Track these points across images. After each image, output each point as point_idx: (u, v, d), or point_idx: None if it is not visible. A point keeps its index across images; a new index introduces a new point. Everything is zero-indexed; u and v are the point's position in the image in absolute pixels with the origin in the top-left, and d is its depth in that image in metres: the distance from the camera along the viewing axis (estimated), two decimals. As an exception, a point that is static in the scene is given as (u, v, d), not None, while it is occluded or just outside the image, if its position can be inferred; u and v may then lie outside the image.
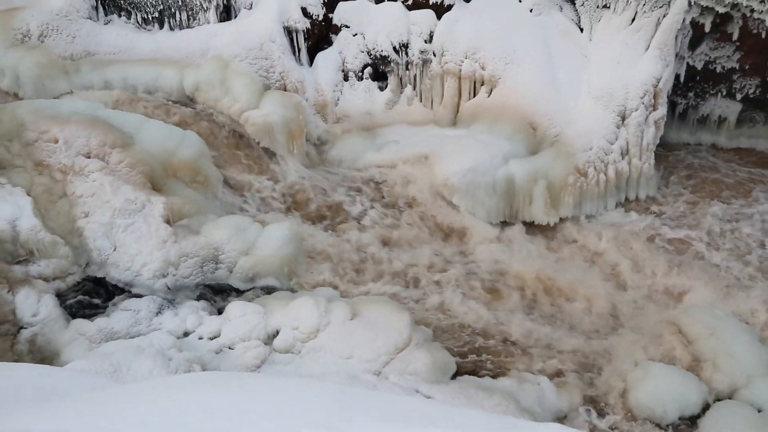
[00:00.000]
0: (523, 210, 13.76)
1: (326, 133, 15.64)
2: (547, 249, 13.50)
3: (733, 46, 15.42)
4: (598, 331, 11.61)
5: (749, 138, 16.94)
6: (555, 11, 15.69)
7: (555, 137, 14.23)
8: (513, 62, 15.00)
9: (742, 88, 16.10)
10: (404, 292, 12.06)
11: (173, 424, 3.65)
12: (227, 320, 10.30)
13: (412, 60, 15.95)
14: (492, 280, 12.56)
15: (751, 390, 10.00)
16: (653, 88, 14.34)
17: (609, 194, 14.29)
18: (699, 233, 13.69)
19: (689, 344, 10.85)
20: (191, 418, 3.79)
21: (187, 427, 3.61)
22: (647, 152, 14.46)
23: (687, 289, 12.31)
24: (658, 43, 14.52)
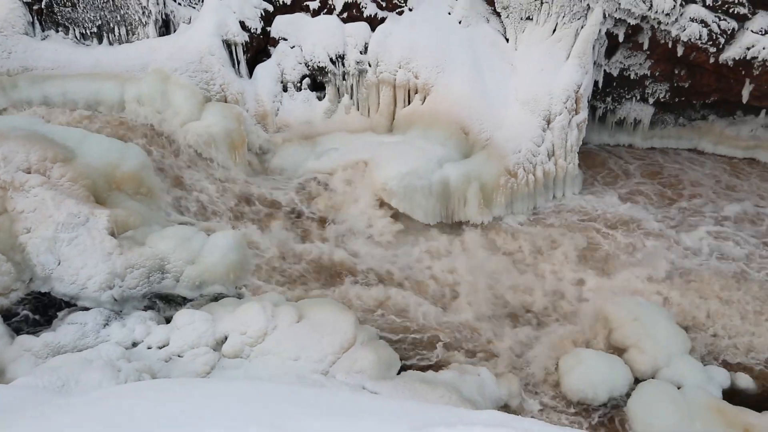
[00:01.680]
0: (458, 211, 14.51)
1: (267, 142, 16.04)
2: (482, 246, 14.24)
3: (645, 55, 16.65)
4: (531, 322, 12.40)
5: (662, 138, 18.42)
6: (482, 23, 16.56)
7: (486, 141, 15.05)
8: (444, 71, 15.77)
9: (654, 93, 17.41)
10: (349, 292, 12.57)
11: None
12: (175, 329, 10.58)
13: (349, 70, 16.52)
14: (432, 277, 13.20)
15: (672, 369, 11.00)
16: (575, 93, 15.34)
17: (538, 193, 15.23)
18: (618, 229, 14.71)
19: (615, 330, 11.78)
20: (139, 425, 3.84)
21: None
22: (571, 153, 15.45)
23: (605, 281, 13.23)
24: (577, 52, 15.54)
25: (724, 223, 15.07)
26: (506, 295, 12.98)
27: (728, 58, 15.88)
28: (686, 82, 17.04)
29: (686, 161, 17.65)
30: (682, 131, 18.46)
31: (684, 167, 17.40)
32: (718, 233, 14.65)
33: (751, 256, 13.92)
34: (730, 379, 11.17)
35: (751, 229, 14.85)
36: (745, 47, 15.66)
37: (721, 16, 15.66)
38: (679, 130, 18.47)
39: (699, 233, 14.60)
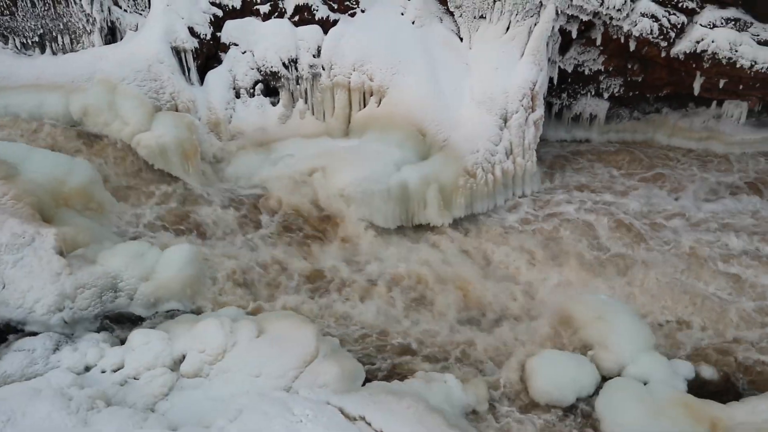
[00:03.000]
0: (418, 213, 14.35)
1: (221, 150, 15.65)
2: (443, 248, 14.10)
3: (598, 51, 16.75)
4: (495, 324, 12.29)
5: (617, 132, 18.61)
6: (436, 23, 16.43)
7: (443, 142, 14.92)
8: (399, 72, 15.59)
9: (608, 88, 17.55)
10: (309, 303, 12.30)
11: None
12: (130, 350, 10.18)
13: (302, 74, 16.22)
14: (392, 283, 13.00)
15: (637, 365, 10.97)
16: (530, 91, 15.31)
17: (497, 193, 15.16)
18: (579, 226, 14.74)
19: (579, 329, 11.75)
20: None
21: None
22: (529, 151, 15.43)
23: (570, 278, 13.23)
24: (531, 50, 15.52)
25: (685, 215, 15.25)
26: (470, 297, 12.86)
27: (679, 51, 16.06)
28: (639, 76, 17.21)
29: (642, 154, 17.81)
30: (637, 125, 18.65)
31: (640, 160, 17.57)
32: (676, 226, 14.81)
33: (706, 245, 14.08)
34: (694, 372, 11.22)
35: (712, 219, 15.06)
36: (694, 41, 15.86)
37: (670, 10, 15.83)
38: (634, 124, 18.65)
39: (659, 225, 14.74)
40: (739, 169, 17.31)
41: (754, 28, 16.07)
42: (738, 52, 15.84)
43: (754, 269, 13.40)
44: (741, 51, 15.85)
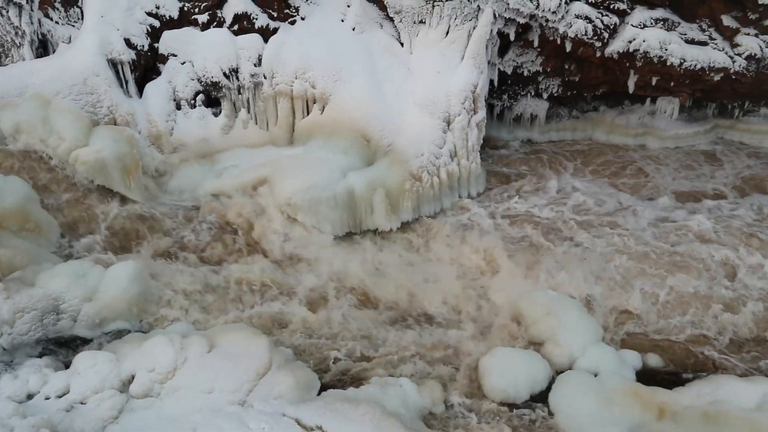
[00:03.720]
0: (366, 219, 14.35)
1: (164, 164, 15.33)
2: (393, 253, 14.15)
3: (536, 52, 17.13)
4: (448, 325, 12.38)
5: (558, 132, 19.08)
6: (376, 29, 16.50)
7: (388, 147, 14.98)
8: (341, 79, 15.58)
9: (547, 88, 17.98)
10: (261, 314, 12.14)
11: None
12: (76, 373, 9.84)
13: (244, 84, 16.04)
14: (342, 290, 12.95)
15: (587, 358, 11.25)
16: (472, 93, 15.52)
17: (444, 195, 15.29)
18: (524, 221, 15.01)
19: (530, 326, 11.96)
20: None
21: None
22: (473, 152, 15.63)
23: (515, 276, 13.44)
24: (471, 53, 15.74)
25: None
26: (421, 300, 12.93)
27: (613, 51, 16.55)
28: (576, 76, 17.67)
29: (583, 152, 18.29)
30: (577, 123, 19.17)
31: (582, 157, 18.03)
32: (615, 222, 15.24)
33: (644, 237, 14.54)
34: (641, 360, 11.56)
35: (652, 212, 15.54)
36: (627, 41, 16.37)
37: (603, 12, 16.31)
38: (573, 123, 19.16)
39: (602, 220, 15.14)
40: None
41: (681, 28, 16.71)
42: (668, 50, 16.44)
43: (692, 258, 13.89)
44: (670, 49, 16.45)
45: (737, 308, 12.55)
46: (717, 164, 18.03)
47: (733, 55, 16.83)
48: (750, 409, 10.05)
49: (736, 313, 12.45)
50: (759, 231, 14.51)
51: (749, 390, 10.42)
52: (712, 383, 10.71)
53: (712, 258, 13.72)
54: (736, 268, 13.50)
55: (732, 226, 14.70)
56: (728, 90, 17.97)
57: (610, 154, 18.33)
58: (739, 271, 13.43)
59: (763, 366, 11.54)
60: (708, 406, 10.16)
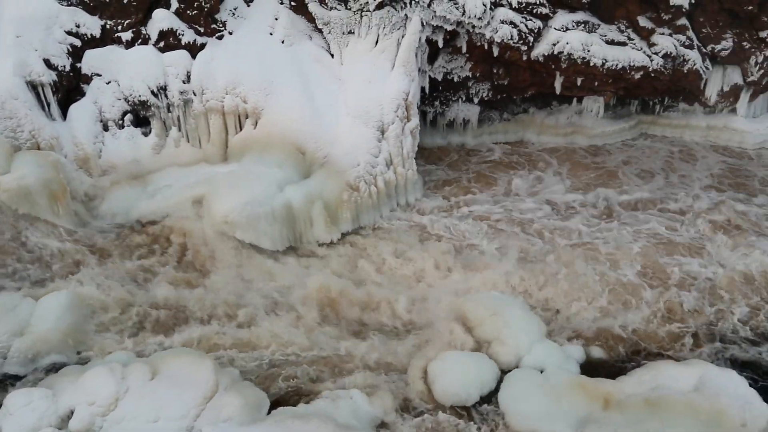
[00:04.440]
0: (306, 232, 14.24)
1: (93, 187, 14.82)
2: (334, 264, 14.04)
3: (464, 58, 17.46)
4: (394, 333, 12.37)
5: (490, 135, 19.51)
6: (305, 40, 16.46)
7: (324, 158, 14.94)
8: (273, 93, 15.46)
9: (478, 93, 18.34)
10: (204, 336, 11.84)
11: None
12: (8, 414, 9.30)
13: (173, 101, 15.69)
14: (285, 304, 12.77)
15: (533, 355, 11.42)
16: (404, 101, 15.66)
17: (382, 203, 15.36)
18: (462, 225, 15.20)
19: (475, 327, 12.06)
20: None
21: None
22: (409, 160, 15.76)
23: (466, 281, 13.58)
24: (401, 61, 15.90)
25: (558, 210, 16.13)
26: (368, 309, 12.87)
27: (538, 54, 17.03)
28: (505, 79, 18.09)
29: (514, 154, 18.70)
30: (508, 125, 19.63)
31: (515, 159, 18.43)
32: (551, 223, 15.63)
33: (581, 234, 14.97)
34: (585, 353, 11.84)
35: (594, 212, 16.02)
36: (551, 43, 16.88)
37: (527, 16, 16.77)
38: (505, 125, 19.62)
39: (535, 220, 15.49)
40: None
41: (601, 29, 17.37)
42: (590, 51, 17.04)
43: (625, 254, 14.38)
44: (593, 51, 17.06)
45: (667, 296, 13.10)
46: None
47: (650, 54, 17.59)
48: (688, 392, 10.44)
49: (668, 301, 12.97)
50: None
51: (686, 373, 10.83)
52: (652, 370, 11.08)
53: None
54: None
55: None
56: (648, 87, 18.78)
57: (539, 154, 18.82)
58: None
59: (703, 351, 12.04)
60: (649, 392, 10.50)
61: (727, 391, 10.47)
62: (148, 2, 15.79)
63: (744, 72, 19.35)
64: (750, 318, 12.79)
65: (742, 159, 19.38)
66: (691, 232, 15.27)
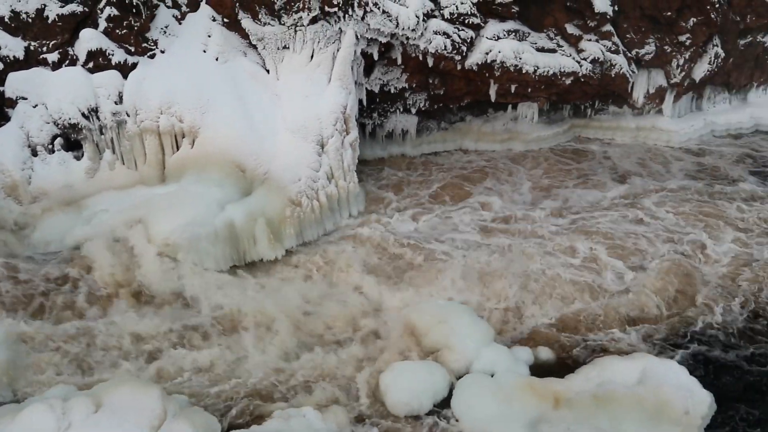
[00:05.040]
0: (249, 251, 14.01)
1: (23, 216, 14.23)
2: (279, 281, 13.88)
3: (400, 69, 17.65)
4: (343, 347, 12.27)
5: (429, 144, 19.77)
6: (240, 57, 16.31)
7: (264, 175, 14.79)
8: (209, 111, 15.24)
9: (415, 103, 18.56)
10: (149, 364, 11.50)
11: None
12: (-60, 461, 8.83)
13: (106, 123, 15.26)
14: (233, 326, 12.53)
15: (482, 360, 11.51)
16: (342, 114, 15.68)
17: (325, 218, 15.28)
18: (406, 239, 15.30)
19: (424, 336, 12.11)
20: None
21: None
22: (350, 173, 15.77)
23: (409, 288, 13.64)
24: (338, 75, 15.93)
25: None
26: (314, 324, 12.74)
27: (472, 63, 17.36)
28: (441, 89, 18.36)
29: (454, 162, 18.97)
30: (446, 134, 19.93)
31: (453, 168, 18.69)
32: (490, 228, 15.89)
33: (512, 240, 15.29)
34: (533, 355, 12.03)
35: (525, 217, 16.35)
36: (484, 52, 17.24)
37: (459, 27, 17.08)
38: (443, 134, 19.90)
39: (470, 225, 15.73)
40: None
41: (531, 38, 17.85)
42: (522, 59, 17.48)
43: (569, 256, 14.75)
44: (524, 58, 17.50)
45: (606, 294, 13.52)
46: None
47: (579, 60, 18.18)
48: (632, 385, 10.76)
49: (608, 299, 13.38)
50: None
51: (630, 367, 11.14)
52: (598, 366, 11.35)
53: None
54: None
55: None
56: (579, 92, 19.39)
57: (477, 160, 19.17)
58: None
59: (644, 344, 12.42)
60: (596, 388, 10.77)
61: (669, 381, 10.85)
62: (74, 22, 15.36)
63: (667, 74, 20.21)
64: (685, 308, 13.32)
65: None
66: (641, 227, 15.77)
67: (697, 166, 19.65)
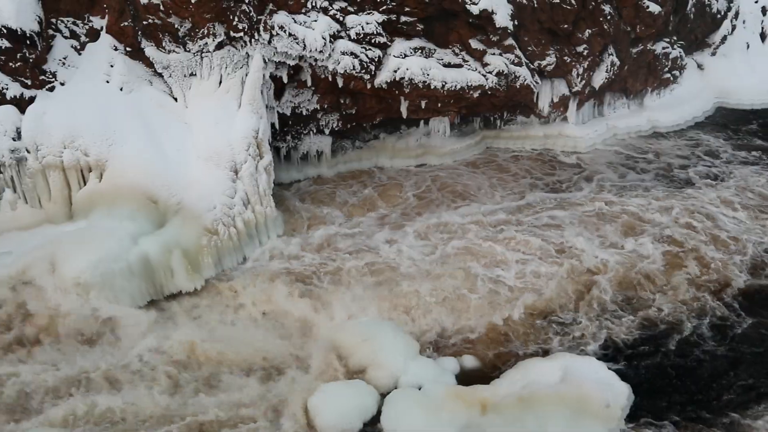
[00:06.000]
0: (167, 284, 13.59)
1: None
2: (198, 314, 13.50)
3: (311, 91, 17.69)
4: (270, 377, 12.01)
5: (345, 164, 19.82)
6: (145, 86, 15.96)
7: (178, 205, 14.43)
8: (116, 143, 14.79)
9: (328, 124, 18.61)
10: (59, 412, 10.89)
11: None
12: None
13: (4, 161, 14.54)
14: (155, 365, 12.06)
15: (409, 374, 11.63)
16: (254, 139, 15.54)
17: (244, 244, 15.04)
18: (327, 256, 15.26)
19: (350, 356, 12.07)
20: None
21: None
22: (266, 197, 15.60)
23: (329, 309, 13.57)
24: (248, 99, 15.81)
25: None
26: (235, 354, 12.39)
27: (382, 81, 17.59)
28: (353, 108, 18.50)
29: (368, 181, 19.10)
30: (362, 153, 20.04)
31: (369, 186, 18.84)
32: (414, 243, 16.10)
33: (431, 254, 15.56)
34: (458, 364, 12.21)
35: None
36: (392, 70, 17.51)
37: (366, 46, 17.29)
38: (358, 153, 20.00)
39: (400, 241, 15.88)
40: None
41: (437, 54, 18.28)
42: (430, 75, 17.86)
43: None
44: (432, 74, 17.89)
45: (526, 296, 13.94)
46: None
47: (485, 74, 18.73)
48: (555, 384, 11.10)
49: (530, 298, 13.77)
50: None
51: (552, 367, 11.52)
52: (521, 369, 11.67)
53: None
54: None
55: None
56: (487, 104, 19.97)
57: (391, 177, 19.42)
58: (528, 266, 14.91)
59: (563, 343, 12.82)
60: (521, 391, 11.05)
61: (589, 377, 11.28)
62: (-37, 58, 14.65)
63: (569, 83, 21.11)
64: (600, 304, 13.88)
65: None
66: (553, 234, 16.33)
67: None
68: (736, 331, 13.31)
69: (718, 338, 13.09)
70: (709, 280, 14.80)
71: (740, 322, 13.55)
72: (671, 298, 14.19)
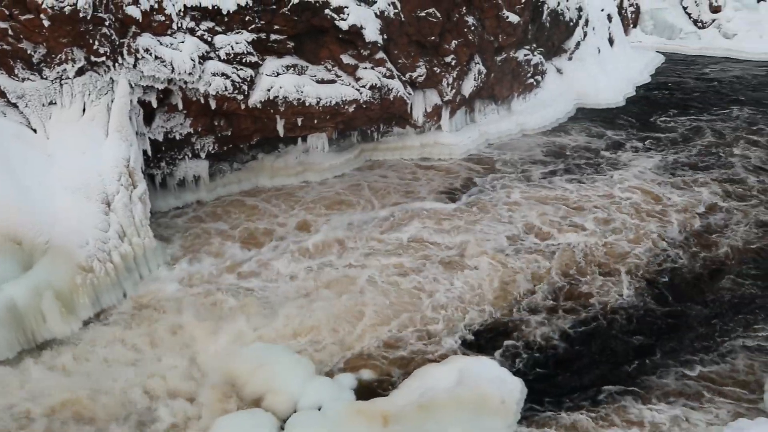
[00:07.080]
0: (39, 330, 12.57)
1: None
2: (76, 360, 12.60)
3: (182, 115, 17.14)
4: (162, 417, 11.34)
5: (224, 186, 19.38)
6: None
7: (46, 244, 13.39)
8: (-32, 182, 13.57)
9: (203, 147, 18.10)
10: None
11: None
12: None
13: None
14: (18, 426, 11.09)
15: (308, 396, 11.43)
16: (126, 168, 14.82)
17: (123, 279, 14.24)
18: (213, 282, 14.82)
19: (245, 384, 11.71)
20: None
21: None
22: (143, 228, 14.90)
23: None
24: (115, 127, 15.06)
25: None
26: (123, 400, 11.62)
27: (256, 101, 17.37)
28: (228, 130, 18.12)
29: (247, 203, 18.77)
30: (241, 175, 19.65)
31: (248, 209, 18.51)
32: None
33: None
34: (356, 379, 12.18)
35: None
36: (266, 89, 17.34)
37: (237, 66, 17.03)
38: (237, 175, 19.61)
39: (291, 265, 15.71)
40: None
41: (310, 71, 18.32)
42: (304, 92, 17.84)
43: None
44: (306, 91, 17.88)
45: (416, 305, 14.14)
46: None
47: (359, 88, 18.97)
48: (452, 387, 11.34)
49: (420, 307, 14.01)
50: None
51: (447, 371, 11.78)
52: (418, 377, 11.83)
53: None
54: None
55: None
56: (363, 118, 20.23)
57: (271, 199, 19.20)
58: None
59: (456, 346, 13.13)
60: (420, 398, 11.18)
61: (483, 376, 11.63)
62: None
63: (440, 93, 21.82)
64: (491, 306, 14.40)
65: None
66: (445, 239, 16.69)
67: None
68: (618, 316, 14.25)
69: (602, 326, 13.94)
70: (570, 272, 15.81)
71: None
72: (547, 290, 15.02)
